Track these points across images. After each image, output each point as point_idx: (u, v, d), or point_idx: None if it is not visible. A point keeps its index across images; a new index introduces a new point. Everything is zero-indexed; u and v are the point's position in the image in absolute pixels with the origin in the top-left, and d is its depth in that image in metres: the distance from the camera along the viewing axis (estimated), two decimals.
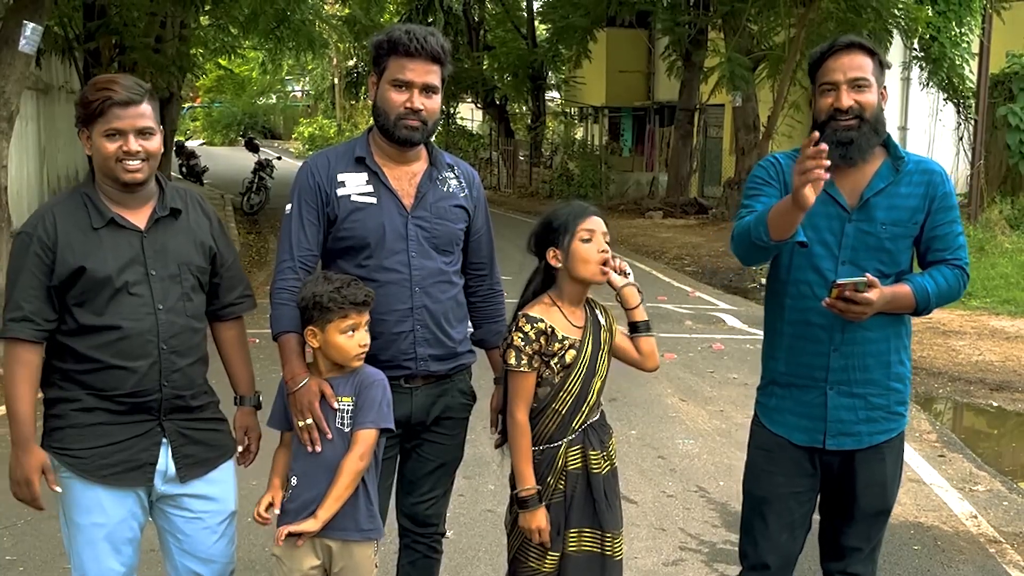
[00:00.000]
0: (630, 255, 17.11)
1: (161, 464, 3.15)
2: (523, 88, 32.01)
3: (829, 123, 3.17)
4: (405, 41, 3.26)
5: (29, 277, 3.00)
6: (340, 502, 3.12)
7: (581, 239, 3.23)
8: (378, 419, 3.17)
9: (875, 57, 3.24)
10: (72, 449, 3.07)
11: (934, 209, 3.24)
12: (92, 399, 3.06)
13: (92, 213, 3.06)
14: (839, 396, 3.28)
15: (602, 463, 3.30)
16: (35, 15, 10.25)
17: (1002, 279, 13.12)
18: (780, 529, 3.40)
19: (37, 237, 3.01)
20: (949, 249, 3.27)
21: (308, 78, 54.74)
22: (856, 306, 3.05)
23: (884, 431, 3.32)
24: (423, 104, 3.30)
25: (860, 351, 3.25)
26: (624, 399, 7.66)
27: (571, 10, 24.85)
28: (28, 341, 3.00)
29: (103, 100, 3.01)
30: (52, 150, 16.58)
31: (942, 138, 20.70)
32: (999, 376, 8.99)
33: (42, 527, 5.20)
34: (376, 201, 3.35)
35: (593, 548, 3.29)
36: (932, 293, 3.19)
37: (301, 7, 18.61)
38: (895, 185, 3.24)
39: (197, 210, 3.26)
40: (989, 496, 6.04)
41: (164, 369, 3.09)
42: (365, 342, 3.16)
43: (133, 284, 3.05)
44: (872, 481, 3.33)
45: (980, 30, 18.33)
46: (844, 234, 3.23)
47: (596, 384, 3.31)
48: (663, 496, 5.81)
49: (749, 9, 18.81)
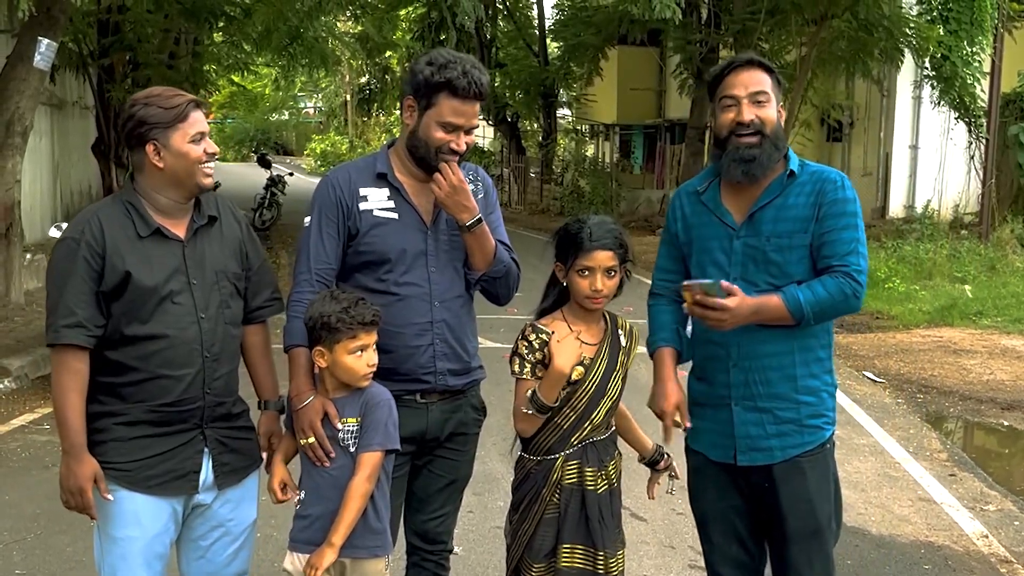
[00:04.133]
0: (640, 272, 17.01)
1: (203, 473, 3.18)
2: (534, 105, 32.08)
3: (731, 139, 3.22)
4: (464, 85, 3.22)
5: (79, 282, 2.98)
6: (351, 526, 3.11)
7: (578, 272, 3.26)
8: (385, 441, 3.17)
9: (773, 75, 3.27)
10: (116, 462, 3.08)
11: (822, 216, 3.20)
12: (136, 411, 3.07)
13: (137, 222, 3.07)
14: (744, 411, 3.28)
15: (599, 481, 3.30)
16: (50, 31, 10.32)
17: (1013, 298, 13.08)
18: (727, 543, 3.40)
19: (85, 242, 3.00)
20: (836, 256, 3.18)
21: (320, 95, 54.95)
22: (712, 312, 3.04)
23: (797, 445, 3.27)
24: (467, 143, 3.33)
25: (759, 365, 3.25)
26: (633, 416, 7.53)
27: (583, 28, 24.91)
28: (78, 348, 2.99)
29: (186, 103, 3.04)
30: (65, 165, 16.66)
31: (953, 157, 20.66)
32: (1010, 395, 8.95)
33: (51, 541, 5.22)
34: (397, 217, 3.35)
35: (585, 565, 3.27)
36: (805, 302, 3.12)
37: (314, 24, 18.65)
38: (783, 197, 3.24)
39: (229, 216, 3.30)
40: (1000, 516, 6.01)
41: (207, 377, 3.12)
42: (373, 362, 3.16)
43: (177, 293, 3.07)
44: (796, 497, 3.27)
45: (991, 49, 18.31)
46: (732, 251, 3.26)
47: (605, 404, 3.32)
48: (673, 514, 5.80)
49: (760, 28, 18.83)
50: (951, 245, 16.28)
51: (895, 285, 13.93)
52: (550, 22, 31.03)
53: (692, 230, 3.37)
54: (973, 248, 16.29)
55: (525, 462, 3.37)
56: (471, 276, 3.46)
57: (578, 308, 3.34)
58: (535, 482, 3.30)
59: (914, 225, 18.17)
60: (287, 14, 16.65)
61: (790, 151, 3.33)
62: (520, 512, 3.35)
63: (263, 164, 23.14)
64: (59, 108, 16.33)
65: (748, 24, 19.07)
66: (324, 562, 3.08)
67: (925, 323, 12.16)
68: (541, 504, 3.28)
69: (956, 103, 18.87)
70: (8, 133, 10.31)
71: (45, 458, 6.66)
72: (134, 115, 3.05)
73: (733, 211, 3.28)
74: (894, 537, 5.61)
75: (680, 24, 18.88)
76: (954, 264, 15.26)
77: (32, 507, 5.75)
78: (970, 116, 18.99)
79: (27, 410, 7.84)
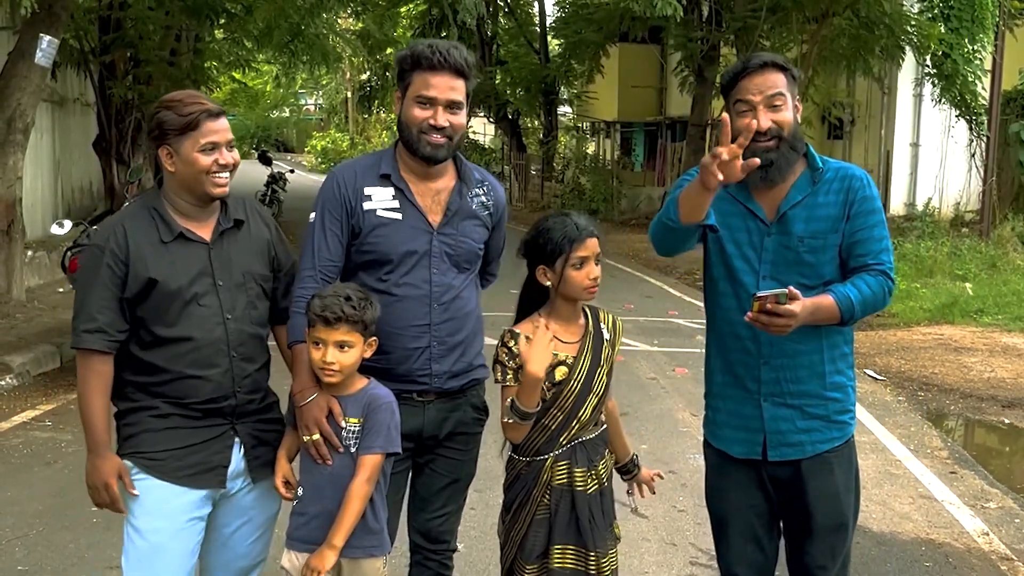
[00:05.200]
0: (641, 270, 17.12)
1: (232, 465, 3.24)
2: (535, 103, 32.08)
3: (748, 144, 3.13)
4: (428, 55, 3.26)
5: (102, 289, 3.07)
6: (352, 527, 3.12)
7: (573, 266, 3.22)
8: (386, 444, 3.17)
9: (788, 73, 3.23)
10: (148, 452, 3.15)
11: (853, 214, 3.20)
12: (167, 406, 3.15)
13: (161, 227, 3.14)
14: (774, 407, 3.27)
15: (588, 481, 3.28)
16: (51, 28, 10.34)
17: (1014, 296, 13.08)
18: (744, 542, 3.39)
19: (109, 250, 3.08)
20: (871, 254, 3.19)
21: (321, 92, 54.93)
22: (779, 319, 2.99)
23: (827, 440, 3.28)
24: (448, 121, 3.30)
25: (790, 363, 3.24)
26: (635, 413, 7.65)
27: (584, 25, 24.91)
28: (101, 352, 3.07)
29: (199, 112, 3.09)
30: (66, 162, 16.66)
31: (954, 155, 20.67)
32: (1011, 393, 8.95)
33: (54, 538, 5.23)
34: (401, 217, 3.35)
35: (577, 566, 3.26)
36: (856, 301, 3.12)
37: (315, 21, 18.67)
38: (812, 196, 3.22)
39: (258, 220, 3.35)
40: (1001, 513, 6.02)
41: (236, 376, 3.19)
42: (329, 360, 3.10)
43: (202, 295, 3.14)
44: (823, 493, 3.29)
45: (993, 47, 18.31)
46: (764, 248, 3.24)
47: (591, 401, 3.29)
48: (674, 511, 5.81)
49: (761, 25, 18.84)
50: (952, 243, 16.29)
51: (896, 283, 13.92)
52: (551, 19, 31.05)
53: (723, 217, 3.26)
54: (974, 246, 16.30)
55: (515, 463, 3.35)
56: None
57: (560, 307, 3.29)
58: (525, 483, 3.29)
59: (915, 223, 18.19)
60: (288, 11, 16.67)
61: (810, 148, 3.30)
62: (512, 513, 3.34)
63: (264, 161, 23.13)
64: (60, 105, 16.33)
65: (749, 22, 19.08)
66: (326, 564, 3.08)
67: (926, 321, 12.17)
68: (532, 505, 3.27)
69: (957, 101, 18.88)
70: (9, 130, 10.32)
71: (47, 454, 6.67)
72: (154, 117, 3.14)
73: (764, 206, 3.25)
74: (895, 534, 5.62)
75: (681, 21, 18.90)
76: (955, 262, 15.26)
77: (34, 504, 5.77)
78: (971, 114, 19.00)
79: (29, 407, 7.85)
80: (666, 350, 9.95)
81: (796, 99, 3.25)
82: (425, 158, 3.33)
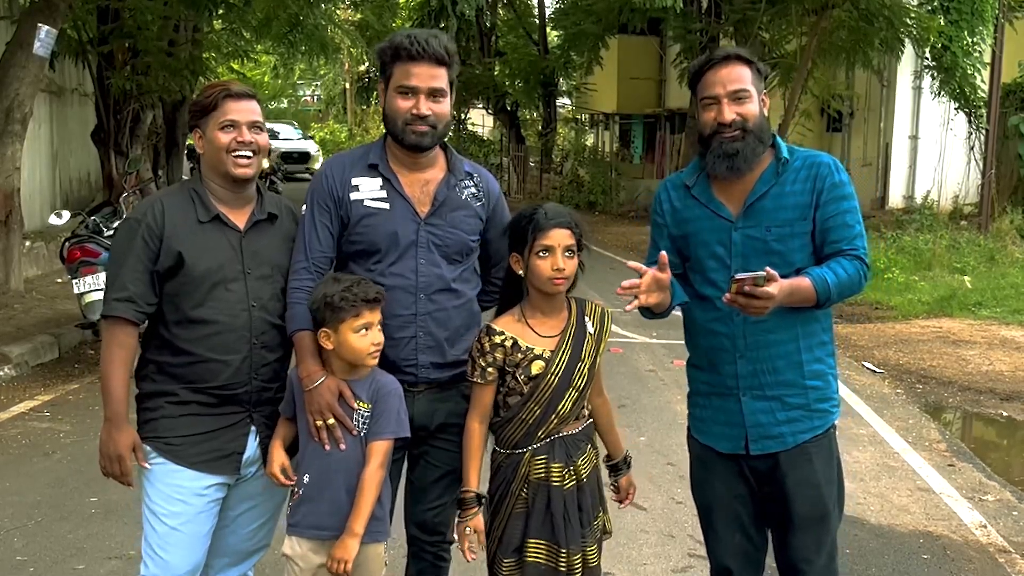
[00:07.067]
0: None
1: (247, 453, 3.30)
2: (534, 94, 32.03)
3: (714, 136, 3.20)
4: (407, 45, 3.28)
5: (135, 261, 3.16)
6: (369, 514, 3.15)
7: (537, 255, 3.18)
8: (397, 429, 3.21)
9: (752, 66, 3.24)
10: (165, 437, 3.22)
11: (823, 201, 3.20)
12: (186, 392, 3.22)
13: (199, 208, 3.24)
14: (753, 400, 3.28)
15: (565, 477, 3.24)
16: (50, 18, 10.31)
17: (1012, 289, 13.08)
18: (730, 533, 3.40)
19: (146, 224, 3.18)
20: (845, 240, 3.19)
21: (320, 83, 54.87)
22: (757, 300, 2.99)
23: (807, 430, 3.29)
24: (431, 109, 3.31)
25: (766, 355, 3.25)
26: (633, 405, 7.66)
27: (583, 17, 24.84)
28: (128, 322, 3.15)
29: (219, 92, 3.22)
30: (64, 153, 16.64)
31: (953, 148, 20.64)
32: (1009, 386, 8.96)
33: (52, 528, 5.23)
34: (389, 207, 3.36)
35: (548, 562, 3.23)
36: (832, 284, 3.12)
37: (314, 12, 18.67)
38: (779, 185, 3.23)
39: (290, 218, 3.44)
40: (999, 506, 6.03)
41: (254, 363, 3.26)
42: (378, 340, 3.18)
43: (230, 281, 3.22)
44: (803, 482, 3.29)
45: (992, 40, 18.29)
46: (732, 243, 3.25)
47: (571, 396, 3.25)
48: (672, 503, 5.81)
49: (761, 17, 18.79)
50: (951, 236, 16.27)
51: (894, 276, 13.92)
52: (550, 11, 30.98)
53: (686, 224, 3.35)
54: (972, 239, 16.29)
55: (496, 456, 3.35)
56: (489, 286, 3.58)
57: (536, 299, 3.26)
58: (505, 476, 3.28)
59: (914, 216, 18.17)
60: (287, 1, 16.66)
61: (777, 138, 3.30)
62: (493, 506, 3.33)
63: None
64: (58, 95, 16.30)
65: (748, 13, 19.03)
66: (351, 553, 3.11)
67: (924, 314, 12.17)
68: (511, 498, 3.26)
69: (956, 93, 18.87)
70: (7, 120, 10.30)
71: (45, 445, 6.68)
72: (193, 103, 3.31)
73: (727, 203, 3.27)
74: (893, 527, 5.63)
75: (680, 13, 18.89)
76: (953, 255, 15.25)
77: (33, 494, 5.77)
78: (970, 106, 18.99)
79: (27, 397, 7.85)
80: (664, 342, 9.89)
81: (763, 92, 3.26)
82: (410, 147, 3.35)
